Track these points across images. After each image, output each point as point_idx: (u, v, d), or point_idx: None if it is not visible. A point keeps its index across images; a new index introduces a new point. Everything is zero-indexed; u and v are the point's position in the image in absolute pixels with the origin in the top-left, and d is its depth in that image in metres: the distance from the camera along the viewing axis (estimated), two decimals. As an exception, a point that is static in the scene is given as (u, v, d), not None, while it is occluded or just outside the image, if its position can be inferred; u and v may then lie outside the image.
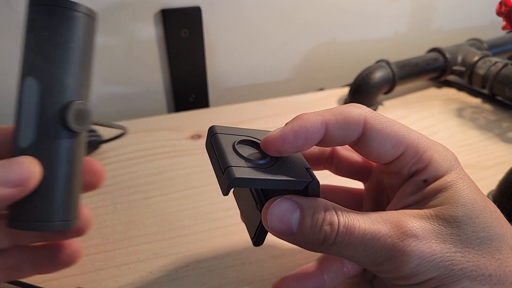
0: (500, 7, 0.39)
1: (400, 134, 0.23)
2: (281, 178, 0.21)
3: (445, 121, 0.51)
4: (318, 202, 0.21)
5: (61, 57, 0.23)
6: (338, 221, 0.20)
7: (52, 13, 0.22)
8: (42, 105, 0.22)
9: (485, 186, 0.38)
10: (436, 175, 0.22)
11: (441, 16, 0.70)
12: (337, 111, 0.22)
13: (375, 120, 0.22)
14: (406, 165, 0.23)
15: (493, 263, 0.20)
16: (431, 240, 0.20)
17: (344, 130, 0.22)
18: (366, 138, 0.22)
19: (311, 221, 0.21)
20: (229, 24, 0.57)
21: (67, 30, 0.23)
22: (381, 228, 0.20)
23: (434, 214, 0.21)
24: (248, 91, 0.63)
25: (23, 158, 0.22)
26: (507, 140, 0.46)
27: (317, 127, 0.22)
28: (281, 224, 0.21)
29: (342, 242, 0.20)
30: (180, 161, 0.43)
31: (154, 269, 0.30)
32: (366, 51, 0.68)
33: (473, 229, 0.20)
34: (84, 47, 0.23)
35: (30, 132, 0.23)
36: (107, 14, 0.50)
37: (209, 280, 0.29)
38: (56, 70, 0.22)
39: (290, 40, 0.62)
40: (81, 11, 0.23)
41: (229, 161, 0.21)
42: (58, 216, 0.23)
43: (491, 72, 0.52)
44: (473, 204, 0.21)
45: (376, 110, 0.53)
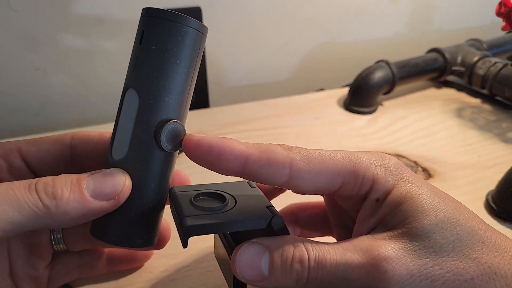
0: (499, 7, 0.39)
1: (333, 167, 0.21)
2: (239, 219, 0.21)
3: (445, 121, 0.51)
4: (286, 240, 0.21)
5: (165, 74, 0.21)
6: (308, 256, 0.20)
7: (161, 27, 0.21)
8: (139, 120, 0.22)
9: (484, 186, 0.38)
10: (385, 190, 0.21)
11: (441, 16, 0.70)
12: (263, 148, 0.21)
13: (303, 161, 0.21)
14: (351, 191, 0.22)
15: (471, 265, 0.19)
16: (406, 260, 0.19)
17: (266, 169, 0.21)
18: (295, 181, 0.21)
19: (280, 262, 0.20)
20: (229, 24, 0.57)
21: (175, 46, 0.21)
22: (353, 256, 0.19)
23: (401, 232, 0.20)
24: (248, 91, 0.63)
25: (115, 170, 0.21)
26: (507, 140, 0.46)
27: (234, 154, 0.20)
28: (251, 271, 0.20)
29: (316, 278, 0.19)
30: (180, 161, 0.43)
31: (154, 269, 0.30)
32: (366, 51, 0.68)
33: (442, 235, 0.20)
34: (189, 65, 0.22)
35: (123, 145, 0.22)
36: (107, 14, 0.50)
37: (209, 280, 0.29)
38: (157, 86, 0.21)
39: (290, 40, 0.62)
40: (192, 27, 0.22)
41: (184, 212, 0.21)
42: (141, 234, 0.23)
43: (491, 72, 0.52)
44: (433, 209, 0.20)
45: (376, 110, 0.53)
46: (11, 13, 0.46)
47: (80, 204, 0.20)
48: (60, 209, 0.20)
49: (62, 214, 0.20)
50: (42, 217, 0.19)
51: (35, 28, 0.48)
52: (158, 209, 0.24)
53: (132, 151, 0.22)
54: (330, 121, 0.51)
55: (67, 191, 0.20)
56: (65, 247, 0.26)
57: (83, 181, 0.20)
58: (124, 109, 0.22)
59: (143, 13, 0.22)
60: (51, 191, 0.20)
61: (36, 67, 0.50)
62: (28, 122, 0.53)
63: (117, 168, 0.22)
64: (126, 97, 0.22)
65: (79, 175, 0.21)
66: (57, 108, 0.54)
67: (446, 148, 0.45)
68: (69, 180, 0.20)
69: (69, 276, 0.27)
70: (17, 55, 0.49)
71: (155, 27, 0.21)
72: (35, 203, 0.19)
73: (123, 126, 0.22)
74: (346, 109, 0.54)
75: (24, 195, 0.19)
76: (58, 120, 0.55)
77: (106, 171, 0.21)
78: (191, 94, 0.23)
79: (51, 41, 0.49)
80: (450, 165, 0.42)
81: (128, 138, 0.22)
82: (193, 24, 0.22)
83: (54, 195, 0.20)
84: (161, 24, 0.21)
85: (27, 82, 0.51)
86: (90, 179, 0.21)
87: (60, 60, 0.51)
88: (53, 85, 0.52)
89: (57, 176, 0.21)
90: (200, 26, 0.22)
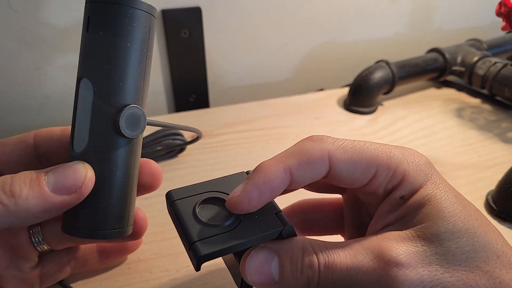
0: (499, 7, 0.39)
1: (368, 156, 0.22)
2: (251, 238, 0.20)
3: (445, 121, 0.51)
4: (295, 244, 0.20)
5: (115, 58, 0.21)
6: (318, 261, 0.20)
7: (108, 11, 0.20)
8: (95, 109, 0.21)
9: (484, 186, 0.38)
10: (412, 189, 0.21)
11: (441, 16, 0.70)
12: (298, 152, 0.21)
13: (339, 151, 0.21)
14: (380, 185, 0.22)
15: (482, 278, 0.19)
16: (417, 265, 0.19)
17: (309, 171, 0.21)
18: (335, 172, 0.21)
19: (290, 267, 0.20)
20: (229, 24, 0.57)
21: (123, 29, 0.21)
22: (363, 260, 0.19)
23: (416, 234, 0.20)
24: (248, 91, 0.63)
25: (76, 163, 0.21)
26: (507, 140, 0.46)
27: (281, 177, 0.21)
28: (261, 276, 0.20)
29: (326, 281, 0.19)
30: (180, 160, 0.43)
31: (154, 269, 0.30)
32: (366, 51, 0.68)
33: (457, 245, 0.20)
34: (141, 47, 0.21)
35: (83, 136, 0.22)
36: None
37: (209, 280, 0.29)
38: (109, 72, 0.21)
39: (290, 40, 0.62)
40: (140, 8, 0.21)
41: (193, 235, 0.20)
42: (112, 224, 0.22)
43: (491, 72, 0.52)
44: (453, 217, 0.20)
45: (375, 110, 0.53)
46: (11, 13, 0.46)
47: (41, 200, 0.20)
48: (20, 207, 0.19)
49: (23, 211, 0.19)
50: (2, 216, 0.19)
51: (35, 28, 0.48)
52: (128, 198, 0.23)
53: (92, 142, 0.21)
54: (330, 121, 0.51)
55: (26, 188, 0.20)
56: (49, 247, 0.26)
57: (43, 177, 0.20)
58: (80, 100, 0.22)
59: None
60: (8, 189, 0.19)
61: (36, 67, 0.50)
62: (28, 122, 0.53)
63: (78, 160, 0.21)
64: (80, 87, 0.22)
65: (39, 171, 0.21)
66: (57, 108, 0.54)
67: (446, 148, 0.45)
68: (28, 177, 0.20)
69: (63, 272, 0.27)
70: (17, 55, 0.49)
71: (100, 12, 0.21)
72: None
73: (81, 118, 0.22)
74: (346, 109, 0.54)
75: None
76: (58, 120, 0.55)
77: (67, 164, 0.21)
78: (148, 77, 0.23)
79: (51, 40, 0.49)
80: (450, 165, 0.42)
81: (87, 129, 0.21)
82: (139, 5, 0.21)
83: (12, 193, 0.19)
84: (105, 8, 0.20)
85: (27, 82, 0.51)
86: (51, 173, 0.20)
87: (61, 60, 0.51)
88: (53, 85, 0.52)
89: (17, 174, 0.20)
90: (147, 7, 0.21)
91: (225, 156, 0.43)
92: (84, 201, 0.21)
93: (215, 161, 0.43)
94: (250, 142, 0.46)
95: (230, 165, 0.42)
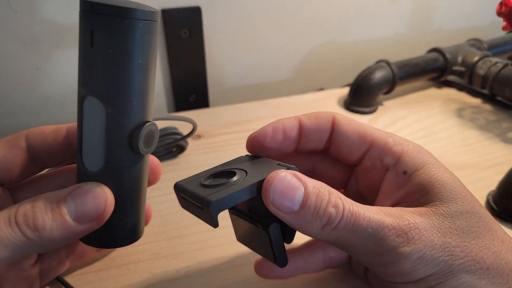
0: (500, 7, 0.39)
1: (368, 129, 0.24)
2: (258, 180, 0.20)
3: (445, 121, 0.51)
4: (322, 184, 0.20)
5: (128, 77, 0.19)
6: (343, 205, 0.20)
7: (117, 27, 0.18)
8: (110, 130, 0.20)
9: (485, 186, 0.38)
10: (415, 166, 0.22)
11: (441, 16, 0.70)
12: (309, 113, 0.25)
13: (342, 116, 0.25)
14: (377, 157, 0.23)
15: (489, 256, 0.20)
16: (433, 234, 0.20)
17: (316, 125, 0.25)
18: (336, 133, 0.24)
19: (315, 201, 0.20)
20: (229, 24, 0.57)
21: (135, 46, 0.19)
22: (385, 218, 0.20)
23: (430, 210, 0.21)
24: (248, 91, 0.63)
25: (94, 187, 0.21)
26: (507, 140, 0.46)
27: (292, 122, 0.25)
28: (283, 200, 0.20)
29: (346, 227, 0.19)
30: (180, 161, 0.43)
31: (154, 269, 0.30)
32: (366, 51, 0.68)
33: (466, 224, 0.20)
34: (150, 59, 0.20)
35: (97, 156, 0.21)
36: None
37: (209, 280, 0.29)
38: (123, 93, 0.19)
39: (290, 40, 0.62)
40: (148, 19, 0.19)
41: (202, 194, 0.20)
42: (127, 232, 0.23)
43: (491, 72, 0.52)
44: (462, 199, 0.21)
45: (376, 110, 0.53)
46: (11, 13, 0.46)
47: (64, 231, 0.20)
48: (44, 239, 0.19)
49: (47, 242, 0.19)
50: (28, 248, 0.19)
51: (35, 28, 0.48)
52: (141, 205, 0.23)
53: (109, 163, 0.21)
54: (330, 121, 0.51)
55: (49, 220, 0.19)
56: None
57: (63, 205, 0.20)
58: (87, 118, 0.21)
59: (84, 7, 0.19)
60: (32, 223, 0.19)
61: (36, 67, 0.50)
62: (28, 122, 0.53)
63: (96, 183, 0.21)
64: (86, 105, 0.20)
65: (58, 196, 0.20)
66: (57, 108, 0.54)
67: (446, 148, 0.45)
68: (49, 207, 0.20)
69: (62, 266, 0.27)
70: (17, 55, 0.49)
71: (108, 28, 0.18)
72: (18, 238, 0.19)
73: (90, 136, 0.21)
74: (347, 109, 0.54)
75: (6, 232, 0.19)
76: (58, 120, 0.55)
77: (86, 188, 0.20)
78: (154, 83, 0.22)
79: (51, 40, 0.49)
80: (450, 165, 0.42)
81: (101, 149, 0.21)
82: (148, 15, 0.19)
83: (36, 227, 0.19)
84: (114, 23, 0.18)
85: (27, 82, 0.51)
86: (70, 200, 0.20)
87: (60, 60, 0.51)
88: (53, 85, 0.52)
89: (35, 201, 0.20)
90: (154, 15, 0.19)
91: (225, 156, 0.43)
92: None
93: (215, 161, 0.43)
94: (250, 142, 0.46)
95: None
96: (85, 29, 0.19)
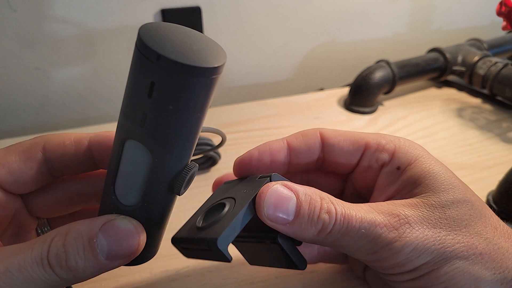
0: (500, 7, 0.39)
1: (357, 134, 0.25)
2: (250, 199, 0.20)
3: (445, 121, 0.51)
4: (313, 190, 0.21)
5: (184, 131, 0.18)
6: (336, 209, 0.20)
7: (181, 84, 0.17)
8: (153, 175, 0.20)
9: (485, 186, 0.38)
10: (407, 160, 0.23)
11: (441, 16, 0.70)
12: (295, 133, 0.25)
13: (329, 130, 0.25)
14: (372, 157, 0.24)
15: (481, 242, 0.21)
16: (423, 226, 0.20)
17: (304, 144, 0.25)
18: (328, 146, 0.25)
19: (308, 209, 0.20)
20: (229, 24, 0.57)
21: (196, 101, 0.18)
22: (376, 217, 0.20)
23: (421, 201, 0.21)
24: (248, 91, 0.63)
25: (130, 226, 0.20)
26: (507, 140, 0.46)
27: (279, 144, 0.25)
28: (277, 212, 0.20)
29: (340, 231, 0.20)
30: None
31: (154, 269, 0.30)
32: (366, 51, 0.68)
33: (457, 213, 0.21)
34: (206, 110, 0.19)
35: (134, 193, 0.20)
36: (107, 14, 0.50)
37: (209, 280, 0.29)
38: (173, 145, 0.19)
39: (290, 40, 0.62)
40: (215, 75, 0.17)
41: (204, 236, 0.20)
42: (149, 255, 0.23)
43: (491, 72, 0.52)
44: (453, 189, 0.22)
45: (376, 110, 0.53)
46: (11, 13, 0.46)
47: (96, 269, 0.19)
48: (77, 278, 0.19)
49: (79, 280, 0.19)
50: (59, 285, 0.19)
51: (35, 28, 0.48)
52: (163, 233, 0.24)
53: (146, 202, 0.21)
54: (330, 121, 0.51)
55: (81, 260, 0.19)
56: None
57: (95, 242, 0.19)
58: (127, 159, 0.20)
59: (147, 54, 0.16)
60: (65, 265, 0.19)
61: (36, 67, 0.50)
62: (28, 122, 0.53)
63: (128, 218, 0.20)
64: (128, 147, 0.20)
65: (89, 232, 0.19)
66: (57, 108, 0.54)
67: (446, 148, 0.45)
68: (81, 246, 0.19)
69: None
70: (17, 55, 0.49)
71: (173, 84, 0.17)
72: (52, 279, 0.18)
73: (128, 175, 0.20)
74: (347, 109, 0.54)
75: (40, 274, 0.18)
76: (58, 120, 0.55)
77: (118, 225, 0.20)
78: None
79: (51, 40, 0.49)
80: (450, 165, 0.42)
81: (139, 188, 0.20)
82: (218, 70, 0.17)
83: (69, 268, 0.19)
84: (180, 80, 0.17)
85: (27, 82, 0.51)
86: (102, 238, 0.19)
87: (60, 60, 0.51)
88: (53, 85, 0.52)
89: (66, 237, 0.19)
90: (222, 68, 0.18)
91: (224, 156, 0.43)
92: None
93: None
94: (250, 142, 0.46)
95: (230, 165, 0.42)
96: (144, 78, 0.17)
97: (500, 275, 0.20)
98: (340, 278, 0.29)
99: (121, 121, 0.19)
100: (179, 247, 0.23)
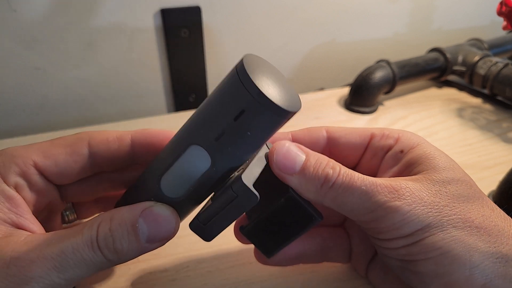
0: (500, 7, 0.39)
1: (361, 128, 0.26)
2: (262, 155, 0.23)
3: (445, 121, 0.51)
4: (321, 155, 0.23)
5: (249, 153, 0.21)
6: (340, 167, 0.22)
7: (266, 119, 0.19)
8: (205, 179, 0.22)
9: (485, 186, 0.38)
10: (409, 144, 0.24)
11: (441, 16, 0.70)
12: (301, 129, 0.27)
13: (334, 126, 0.27)
14: (378, 144, 0.26)
15: (478, 218, 0.21)
16: (423, 193, 0.21)
17: (308, 135, 0.26)
18: (334, 140, 0.26)
19: (314, 162, 0.22)
20: (229, 24, 0.57)
21: (270, 133, 0.21)
22: (378, 180, 0.22)
23: (422, 177, 0.22)
24: (248, 91, 0.63)
25: (168, 212, 0.22)
26: (507, 140, 0.46)
27: (283, 135, 0.27)
28: (286, 161, 0.22)
29: (341, 186, 0.21)
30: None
31: (154, 269, 0.30)
32: (366, 51, 0.67)
33: (457, 189, 0.22)
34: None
35: (180, 187, 0.22)
36: (107, 14, 0.50)
37: (209, 280, 0.29)
38: (236, 162, 0.21)
39: (290, 40, 0.62)
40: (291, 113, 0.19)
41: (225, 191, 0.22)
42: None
43: (492, 72, 0.52)
44: (453, 169, 0.23)
45: (376, 110, 0.53)
46: (11, 13, 0.46)
47: (138, 252, 0.21)
48: (121, 259, 0.21)
49: (123, 261, 0.21)
50: (106, 266, 0.21)
51: (35, 28, 0.48)
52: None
53: (189, 198, 0.23)
54: (331, 121, 0.51)
55: (126, 244, 0.21)
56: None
57: (137, 226, 0.21)
58: (186, 159, 0.22)
59: (249, 88, 0.18)
60: (113, 248, 0.21)
61: (36, 67, 0.50)
62: (28, 122, 0.53)
63: (165, 206, 0.22)
64: (192, 150, 0.21)
65: (131, 217, 0.21)
66: (57, 108, 0.54)
67: (446, 148, 0.45)
68: (125, 230, 0.21)
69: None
70: (17, 55, 0.49)
71: (259, 116, 0.19)
72: (100, 260, 0.20)
73: (181, 171, 0.22)
74: (347, 109, 0.54)
75: (90, 256, 0.20)
76: (58, 120, 0.55)
77: (157, 211, 0.22)
78: None
79: (51, 40, 0.49)
80: (450, 165, 0.42)
81: (186, 185, 0.22)
82: (293, 114, 0.20)
83: (115, 251, 0.21)
84: (267, 116, 0.19)
85: (27, 82, 0.51)
86: (142, 222, 0.21)
87: (60, 60, 0.51)
88: (53, 85, 0.52)
89: (112, 222, 0.21)
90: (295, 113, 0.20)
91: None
92: None
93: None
94: (250, 142, 0.46)
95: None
96: (236, 103, 0.19)
97: (495, 249, 0.20)
98: (341, 278, 0.29)
99: (194, 128, 0.21)
100: (199, 226, 0.23)
